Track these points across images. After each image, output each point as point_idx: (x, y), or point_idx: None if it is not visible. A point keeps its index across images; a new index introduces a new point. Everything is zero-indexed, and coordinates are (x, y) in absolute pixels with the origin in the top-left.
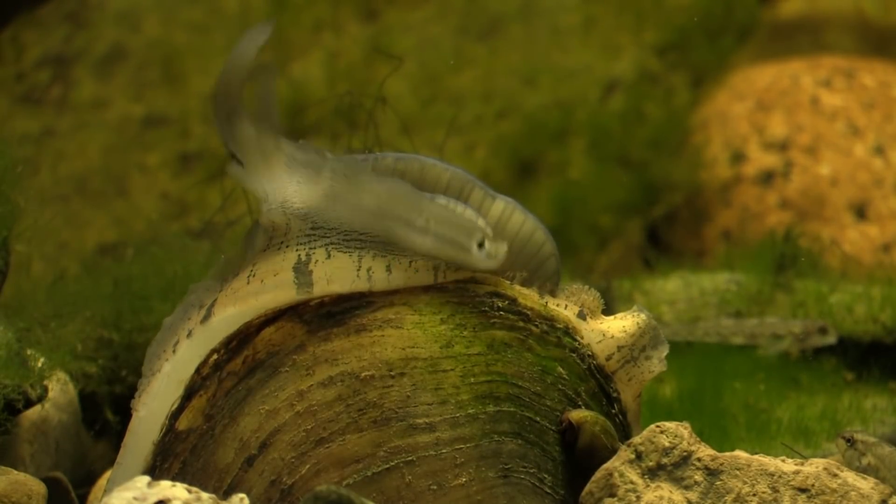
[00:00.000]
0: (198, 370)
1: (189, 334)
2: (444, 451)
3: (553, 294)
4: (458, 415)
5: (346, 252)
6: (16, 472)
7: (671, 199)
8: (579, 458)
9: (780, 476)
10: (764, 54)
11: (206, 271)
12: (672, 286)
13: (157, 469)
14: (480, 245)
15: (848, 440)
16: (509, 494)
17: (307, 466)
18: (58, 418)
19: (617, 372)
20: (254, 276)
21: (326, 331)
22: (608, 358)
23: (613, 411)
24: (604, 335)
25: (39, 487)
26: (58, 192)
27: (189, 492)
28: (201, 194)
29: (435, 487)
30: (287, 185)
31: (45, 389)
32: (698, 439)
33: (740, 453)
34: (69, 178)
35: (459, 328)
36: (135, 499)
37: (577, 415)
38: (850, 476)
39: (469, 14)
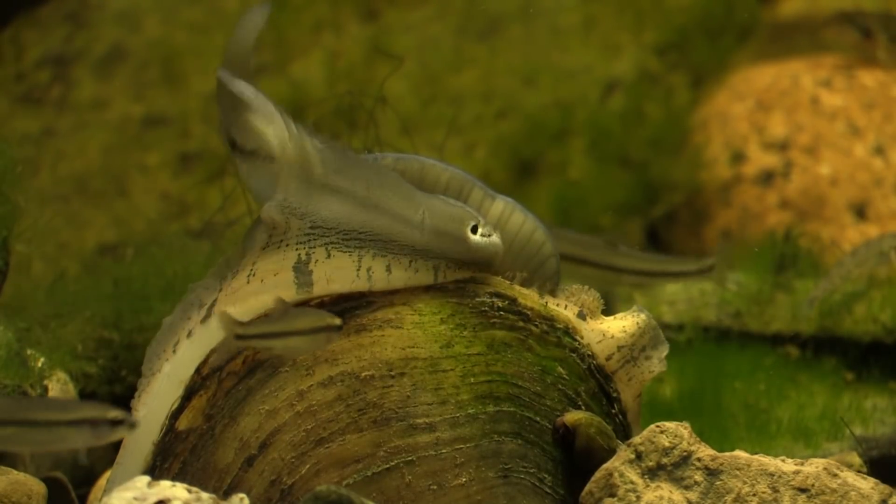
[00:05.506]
0: (198, 370)
1: (189, 334)
2: (444, 451)
3: (553, 294)
4: (458, 415)
5: (345, 252)
6: (16, 472)
7: (671, 199)
8: (577, 461)
9: (780, 476)
10: (764, 54)
11: (206, 271)
12: (672, 286)
13: (157, 469)
14: (474, 231)
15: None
16: (509, 494)
17: (307, 466)
18: None
19: (617, 372)
20: (254, 275)
21: None
22: (608, 358)
23: (613, 411)
24: (604, 335)
25: (39, 487)
26: (58, 192)
27: (189, 492)
28: (201, 194)
29: (435, 487)
30: (287, 181)
31: (45, 389)
32: (698, 439)
33: (740, 453)
34: (69, 178)
35: (459, 328)
36: (135, 499)
37: (571, 417)
38: (850, 476)
39: (469, 14)
